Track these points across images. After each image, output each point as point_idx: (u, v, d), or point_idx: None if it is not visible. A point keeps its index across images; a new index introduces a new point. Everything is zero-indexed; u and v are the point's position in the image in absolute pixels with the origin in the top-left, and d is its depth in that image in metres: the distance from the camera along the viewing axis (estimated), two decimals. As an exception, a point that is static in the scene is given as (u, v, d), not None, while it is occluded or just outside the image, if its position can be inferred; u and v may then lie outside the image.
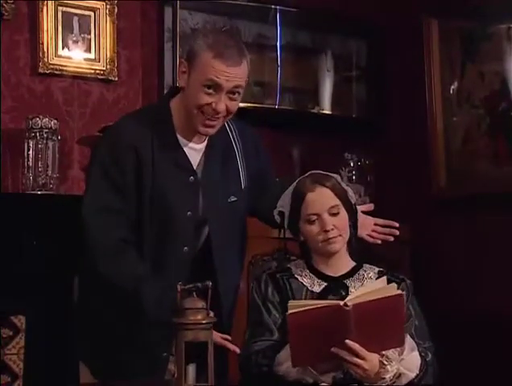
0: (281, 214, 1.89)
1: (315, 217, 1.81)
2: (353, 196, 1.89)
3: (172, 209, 1.88)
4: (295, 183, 1.88)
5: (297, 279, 1.84)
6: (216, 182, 1.94)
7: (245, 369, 1.79)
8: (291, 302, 1.67)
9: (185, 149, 1.91)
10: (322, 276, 1.83)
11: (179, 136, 1.91)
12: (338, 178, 1.89)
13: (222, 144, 1.97)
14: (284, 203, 1.88)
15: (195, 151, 1.93)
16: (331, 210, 1.81)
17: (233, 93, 1.83)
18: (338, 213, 1.82)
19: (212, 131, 1.89)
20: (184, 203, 1.90)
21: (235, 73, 1.81)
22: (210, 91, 1.81)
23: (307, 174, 1.88)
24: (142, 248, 1.87)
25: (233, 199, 1.96)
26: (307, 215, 1.82)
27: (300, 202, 1.84)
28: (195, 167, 1.92)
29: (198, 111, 1.83)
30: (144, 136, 1.87)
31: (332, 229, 1.80)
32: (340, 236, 1.81)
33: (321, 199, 1.82)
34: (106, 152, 1.88)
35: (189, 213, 1.90)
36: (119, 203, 1.85)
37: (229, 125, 2.00)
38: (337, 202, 1.83)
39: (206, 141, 1.94)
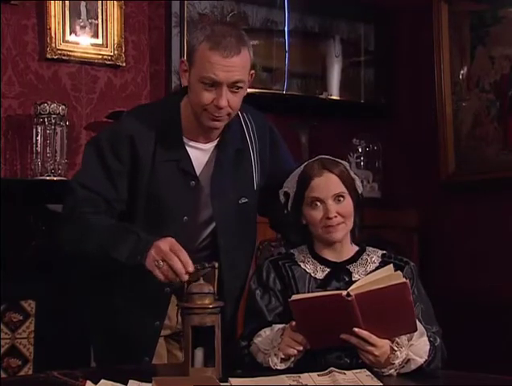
0: (286, 195, 1.87)
1: (319, 202, 1.79)
2: (360, 185, 1.85)
3: (167, 212, 1.85)
4: (302, 166, 1.85)
5: (300, 266, 1.82)
6: (224, 184, 1.89)
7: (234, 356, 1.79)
8: (295, 296, 1.66)
9: (190, 151, 1.87)
10: (325, 262, 1.82)
11: (185, 138, 1.87)
12: (347, 165, 1.85)
13: (236, 143, 1.92)
14: (290, 184, 1.86)
15: (201, 151, 1.88)
16: (336, 197, 1.79)
17: (235, 87, 1.77)
18: (343, 200, 1.79)
19: (219, 125, 1.84)
20: (181, 207, 1.86)
21: (233, 64, 1.74)
22: (210, 87, 1.76)
23: (316, 158, 1.85)
24: None
25: (244, 200, 1.92)
26: (310, 199, 1.80)
27: (306, 185, 1.81)
28: (200, 169, 1.88)
29: (202, 110, 1.79)
30: (147, 130, 1.84)
31: (336, 216, 1.77)
32: (343, 223, 1.79)
33: (327, 184, 1.79)
34: (105, 138, 1.87)
35: (185, 218, 1.85)
36: (104, 186, 1.82)
37: (245, 120, 1.95)
38: (343, 189, 1.80)
39: (216, 141, 1.89)
